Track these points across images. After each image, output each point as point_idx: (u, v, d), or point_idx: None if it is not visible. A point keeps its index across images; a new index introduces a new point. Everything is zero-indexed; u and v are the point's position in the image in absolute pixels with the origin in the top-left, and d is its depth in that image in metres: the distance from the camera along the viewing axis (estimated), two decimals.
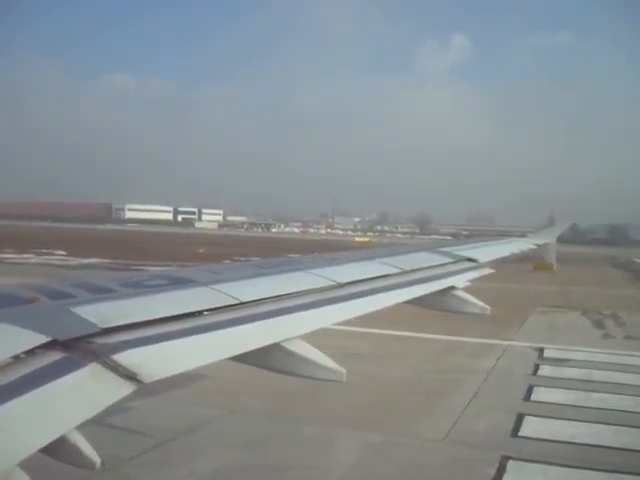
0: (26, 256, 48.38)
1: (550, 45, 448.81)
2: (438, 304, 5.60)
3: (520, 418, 11.98)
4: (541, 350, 18.48)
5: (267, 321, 3.42)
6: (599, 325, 24.40)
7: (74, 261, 45.94)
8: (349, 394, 13.27)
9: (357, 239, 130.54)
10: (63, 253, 52.12)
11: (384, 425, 11.68)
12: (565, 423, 11.89)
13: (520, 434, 11.27)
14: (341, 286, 4.40)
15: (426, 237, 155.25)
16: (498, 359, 17.38)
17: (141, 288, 3.38)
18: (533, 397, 13.56)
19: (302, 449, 10.43)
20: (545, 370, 16.09)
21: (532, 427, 11.59)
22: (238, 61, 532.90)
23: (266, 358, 3.30)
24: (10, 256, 47.53)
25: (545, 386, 14.49)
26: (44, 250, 54.09)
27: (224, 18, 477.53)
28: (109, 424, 10.55)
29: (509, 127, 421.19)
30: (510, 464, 9.86)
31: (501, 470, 9.66)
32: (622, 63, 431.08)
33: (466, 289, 5.83)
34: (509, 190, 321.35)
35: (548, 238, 12.55)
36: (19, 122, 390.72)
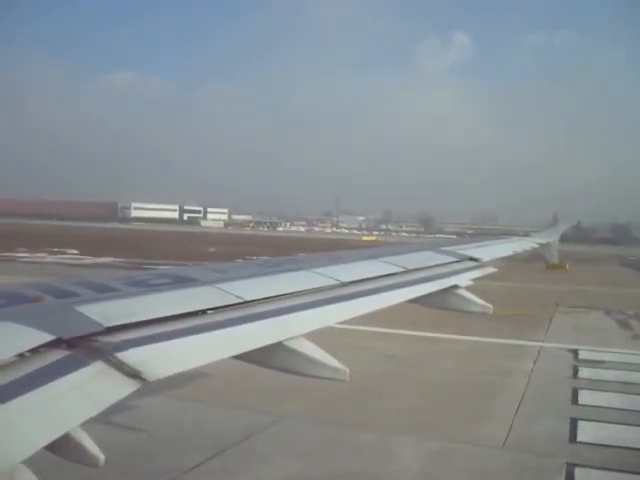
0: (39, 255, 48.08)
1: (551, 44, 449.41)
2: (441, 303, 5.61)
3: (574, 423, 11.77)
4: (575, 352, 18.25)
5: (270, 320, 3.44)
6: (625, 326, 24.17)
7: (88, 260, 45.60)
8: (398, 398, 13.38)
9: (364, 238, 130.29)
10: (75, 252, 51.90)
11: (439, 430, 11.44)
12: (620, 428, 11.63)
13: (579, 440, 11.02)
14: (344, 285, 4.42)
15: (431, 236, 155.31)
16: (535, 361, 17.19)
17: (145, 287, 3.40)
18: (581, 400, 13.35)
19: (364, 456, 10.21)
20: (585, 372, 15.85)
21: (588, 432, 11.36)
22: (240, 60, 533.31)
23: (269, 357, 3.31)
24: (24, 255, 47.33)
25: (589, 389, 14.26)
26: (56, 249, 53.91)
27: (225, 18, 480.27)
28: (164, 432, 10.69)
29: (511, 126, 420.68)
30: (578, 472, 9.62)
31: (570, 478, 9.46)
32: (624, 62, 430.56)
33: (469, 288, 5.83)
34: (513, 189, 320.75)
35: (550, 237, 12.46)
36: (23, 121, 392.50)
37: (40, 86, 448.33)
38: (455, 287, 5.66)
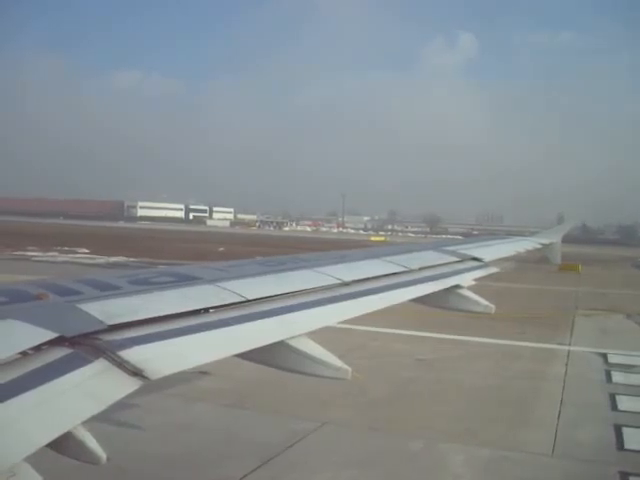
0: (51, 254, 47.86)
1: (556, 44, 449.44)
2: (443, 302, 5.60)
3: (618, 429, 11.57)
4: (604, 355, 18.02)
5: (273, 319, 3.45)
6: None
7: (100, 259, 45.35)
8: (437, 404, 13.23)
9: (373, 238, 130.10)
10: (86, 251, 51.80)
11: (485, 437, 11.22)
12: None
13: (626, 447, 10.78)
14: (347, 284, 4.42)
15: (437, 236, 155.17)
16: (566, 365, 17.01)
17: (147, 285, 3.40)
18: (620, 406, 13.13)
19: (415, 465, 9.96)
20: (618, 377, 15.62)
21: (635, 439, 11.14)
22: (244, 59, 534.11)
23: (271, 356, 3.32)
24: (35, 254, 47.15)
25: (626, 394, 14.02)
26: (66, 248, 53.79)
27: (228, 17, 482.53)
28: (204, 440, 10.47)
29: (517, 126, 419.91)
30: None
31: None
32: (629, 62, 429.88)
33: (471, 287, 5.82)
34: (518, 189, 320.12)
35: (553, 237, 12.34)
36: (28, 121, 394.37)
37: (44, 86, 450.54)
38: (457, 287, 5.66)
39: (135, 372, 2.47)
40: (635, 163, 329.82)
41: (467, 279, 5.97)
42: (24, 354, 2.34)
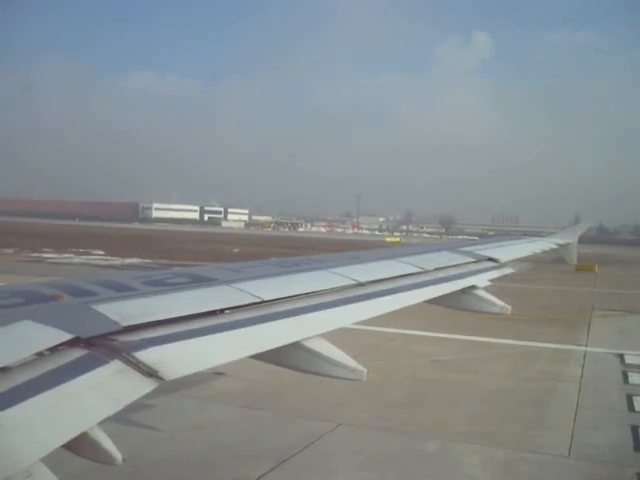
0: (66, 256, 48.12)
1: (572, 43, 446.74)
2: (459, 303, 5.57)
3: (635, 431, 11.52)
4: (621, 356, 17.93)
5: (288, 320, 3.44)
6: None
7: (116, 261, 45.51)
8: (454, 405, 13.19)
9: (388, 239, 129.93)
10: (101, 252, 52.13)
11: (501, 438, 11.19)
12: None
13: None
14: (362, 285, 4.41)
15: (452, 237, 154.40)
16: (583, 367, 16.92)
17: (162, 286, 3.41)
18: (637, 408, 13.02)
19: (433, 466, 9.94)
20: (635, 378, 15.52)
21: None
22: (259, 60, 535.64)
23: (287, 356, 3.32)
24: (51, 256, 47.50)
25: None
26: (81, 249, 54.19)
27: (243, 16, 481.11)
28: (219, 441, 10.48)
29: (533, 126, 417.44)
30: None
31: None
32: None
33: (487, 288, 5.78)
34: (534, 190, 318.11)
35: (569, 238, 12.23)
36: (43, 124, 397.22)
37: (58, 88, 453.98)
38: (473, 287, 5.62)
39: (150, 373, 2.47)
40: None
41: (483, 280, 5.92)
42: (40, 355, 2.35)
